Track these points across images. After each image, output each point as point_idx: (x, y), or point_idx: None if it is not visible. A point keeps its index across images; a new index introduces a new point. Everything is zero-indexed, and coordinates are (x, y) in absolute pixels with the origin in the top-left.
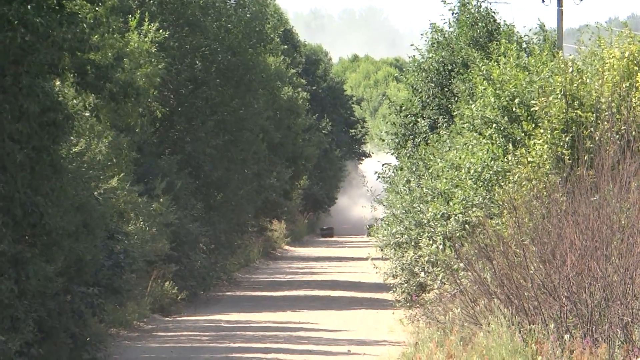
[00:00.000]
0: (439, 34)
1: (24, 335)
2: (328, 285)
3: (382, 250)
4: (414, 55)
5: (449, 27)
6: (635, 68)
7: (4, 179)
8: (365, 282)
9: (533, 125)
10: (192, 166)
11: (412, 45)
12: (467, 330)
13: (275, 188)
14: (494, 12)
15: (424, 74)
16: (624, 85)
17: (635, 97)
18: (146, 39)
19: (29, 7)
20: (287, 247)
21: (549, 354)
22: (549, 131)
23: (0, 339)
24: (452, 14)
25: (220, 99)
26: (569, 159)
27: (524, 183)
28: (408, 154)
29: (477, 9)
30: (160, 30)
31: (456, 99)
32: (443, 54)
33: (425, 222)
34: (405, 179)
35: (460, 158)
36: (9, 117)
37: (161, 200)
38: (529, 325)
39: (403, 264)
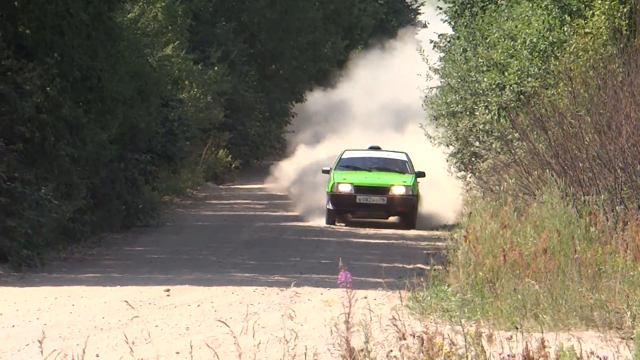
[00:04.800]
0: None
1: (77, 201)
2: None
3: (436, 119)
4: None
5: None
6: None
7: (62, 44)
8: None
9: None
10: (247, 35)
11: None
12: (521, 201)
13: (329, 58)
14: None
15: None
16: None
17: None
18: None
19: None
20: None
21: (602, 226)
22: (607, 1)
23: (55, 203)
24: None
25: None
26: (626, 30)
27: (580, 54)
28: (465, 23)
29: None
30: None
31: None
32: None
33: (480, 91)
34: (461, 48)
35: (516, 28)
36: None
37: (216, 68)
38: (583, 196)
39: (457, 133)
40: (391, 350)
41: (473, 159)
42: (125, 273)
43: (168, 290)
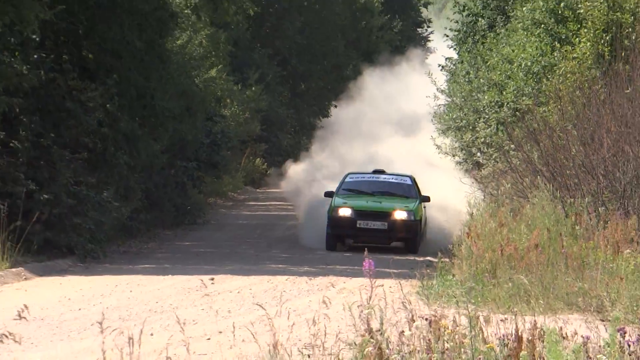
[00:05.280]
0: None
1: (134, 203)
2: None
3: (443, 133)
4: None
5: None
6: None
7: (120, 67)
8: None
9: (578, 26)
10: (280, 59)
11: None
12: (516, 203)
13: (351, 78)
14: None
15: None
16: None
17: None
18: None
19: None
20: None
21: (586, 224)
22: (591, 31)
23: (115, 205)
24: None
25: (305, 1)
26: (608, 56)
27: (568, 76)
28: (468, 49)
29: None
30: None
31: (512, 1)
32: None
33: (481, 108)
34: (465, 71)
35: (513, 53)
36: (124, 14)
37: (253, 88)
38: (570, 199)
39: (462, 145)
40: (403, 331)
41: (475, 167)
42: (175, 264)
43: (212, 279)
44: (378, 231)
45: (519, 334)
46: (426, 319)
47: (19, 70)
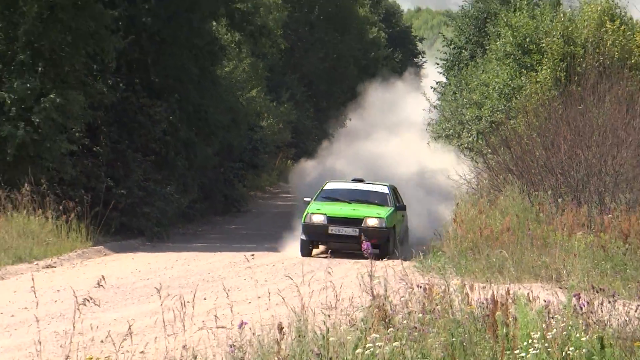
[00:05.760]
0: None
1: (191, 195)
2: None
3: (435, 140)
4: (462, 6)
5: None
6: (606, 18)
7: (180, 88)
8: None
9: (540, 57)
10: (307, 82)
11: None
12: (492, 195)
13: (363, 96)
14: None
15: (467, 19)
16: (601, 30)
17: (607, 39)
18: None
19: None
20: None
21: (547, 212)
22: (551, 60)
23: (176, 196)
24: None
25: (327, 37)
26: (564, 79)
27: (532, 96)
28: (454, 75)
29: None
30: None
31: (488, 37)
32: (480, 5)
33: (465, 121)
34: (452, 91)
35: (489, 78)
36: (183, 47)
37: (285, 105)
38: (534, 192)
39: (449, 150)
40: (403, 296)
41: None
42: (224, 243)
43: (253, 255)
44: (349, 237)
45: (495, 298)
46: (421, 287)
47: (100, 90)
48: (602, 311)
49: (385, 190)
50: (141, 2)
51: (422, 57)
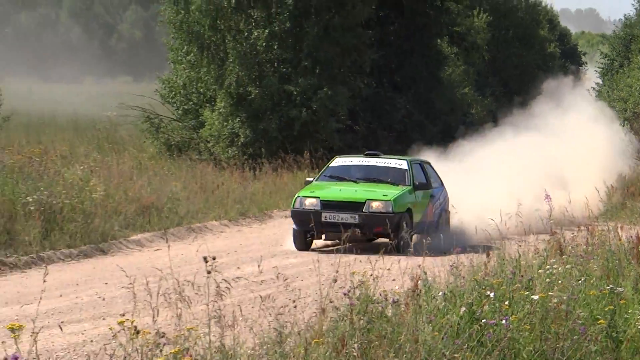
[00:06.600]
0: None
1: None
2: None
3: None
4: (614, 30)
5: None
6: None
7: (415, 86)
8: None
9: None
10: (504, 83)
11: (614, 25)
12: (635, 163)
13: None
14: None
15: (617, 39)
16: None
17: None
18: (480, 18)
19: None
20: None
21: None
22: None
23: None
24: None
25: (518, 51)
26: None
27: None
28: (608, 78)
29: None
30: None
31: (631, 53)
32: (627, 30)
33: (615, 112)
34: (606, 90)
35: (632, 81)
36: (417, 56)
37: (488, 99)
38: None
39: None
40: (572, 234)
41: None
42: None
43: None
44: (348, 225)
45: (638, 235)
46: (585, 228)
47: (359, 86)
48: None
49: (404, 165)
50: (388, 25)
51: (585, 66)
